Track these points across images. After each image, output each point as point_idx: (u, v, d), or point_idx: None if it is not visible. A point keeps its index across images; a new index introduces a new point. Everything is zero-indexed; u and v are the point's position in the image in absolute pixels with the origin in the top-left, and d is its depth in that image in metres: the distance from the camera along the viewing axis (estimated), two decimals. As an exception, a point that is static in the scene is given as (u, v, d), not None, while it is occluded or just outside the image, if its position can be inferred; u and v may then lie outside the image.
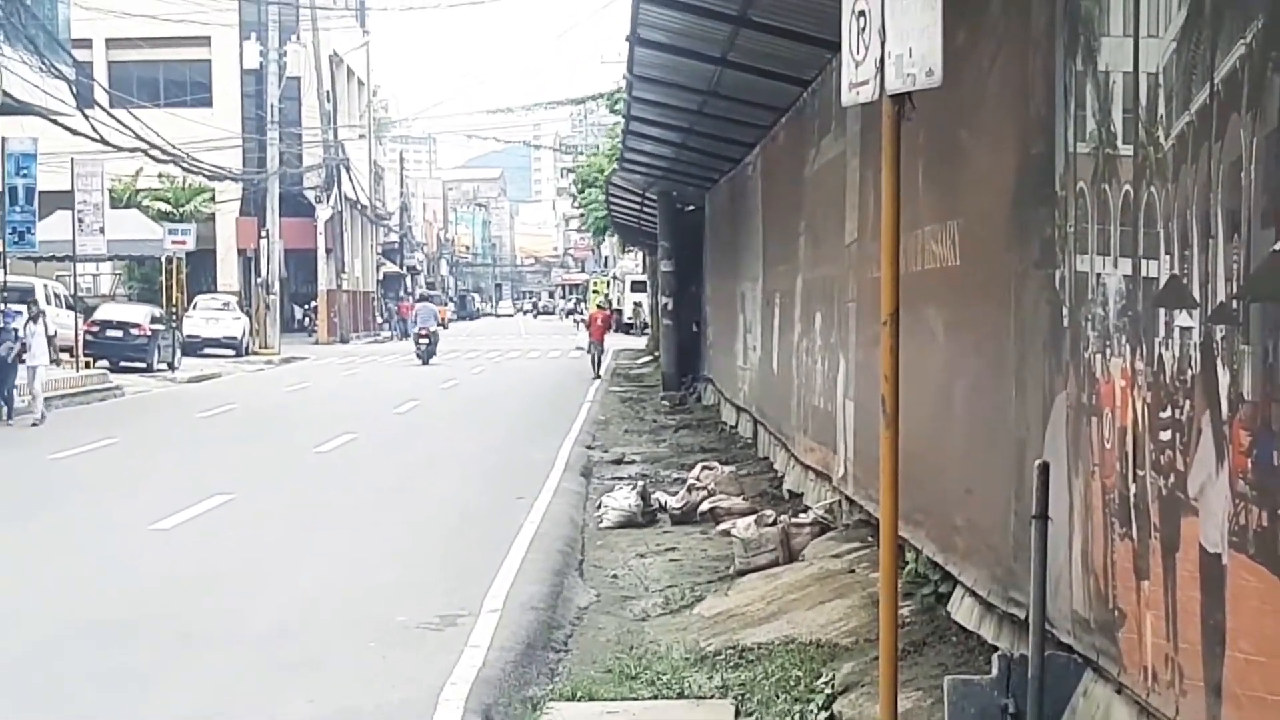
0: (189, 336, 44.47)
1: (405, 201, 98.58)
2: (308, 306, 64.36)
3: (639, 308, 64.92)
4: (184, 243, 43.79)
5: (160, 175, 50.58)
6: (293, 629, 9.82)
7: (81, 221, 34.84)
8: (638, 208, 35.51)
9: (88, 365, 33.90)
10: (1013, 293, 6.86)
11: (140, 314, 39.38)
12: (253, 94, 58.46)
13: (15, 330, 24.90)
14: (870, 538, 10.49)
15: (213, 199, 55.98)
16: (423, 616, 9.98)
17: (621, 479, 17.29)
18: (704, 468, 15.97)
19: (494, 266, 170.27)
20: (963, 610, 7.82)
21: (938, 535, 8.38)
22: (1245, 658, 4.34)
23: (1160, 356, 5.02)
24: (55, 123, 30.55)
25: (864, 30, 5.79)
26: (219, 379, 38.21)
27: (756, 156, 19.16)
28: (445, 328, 52.62)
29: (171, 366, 38.77)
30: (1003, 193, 7.09)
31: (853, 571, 10.17)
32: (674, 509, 14.59)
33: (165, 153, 37.71)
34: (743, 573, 11.31)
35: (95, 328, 37.36)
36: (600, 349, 39.45)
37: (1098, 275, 5.68)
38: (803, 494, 14.10)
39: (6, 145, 30.77)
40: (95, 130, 30.85)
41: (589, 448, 21.23)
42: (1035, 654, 5.70)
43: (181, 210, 52.69)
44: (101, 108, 33.42)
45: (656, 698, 8.11)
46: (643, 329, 60.17)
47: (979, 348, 7.59)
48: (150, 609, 10.38)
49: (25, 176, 31.05)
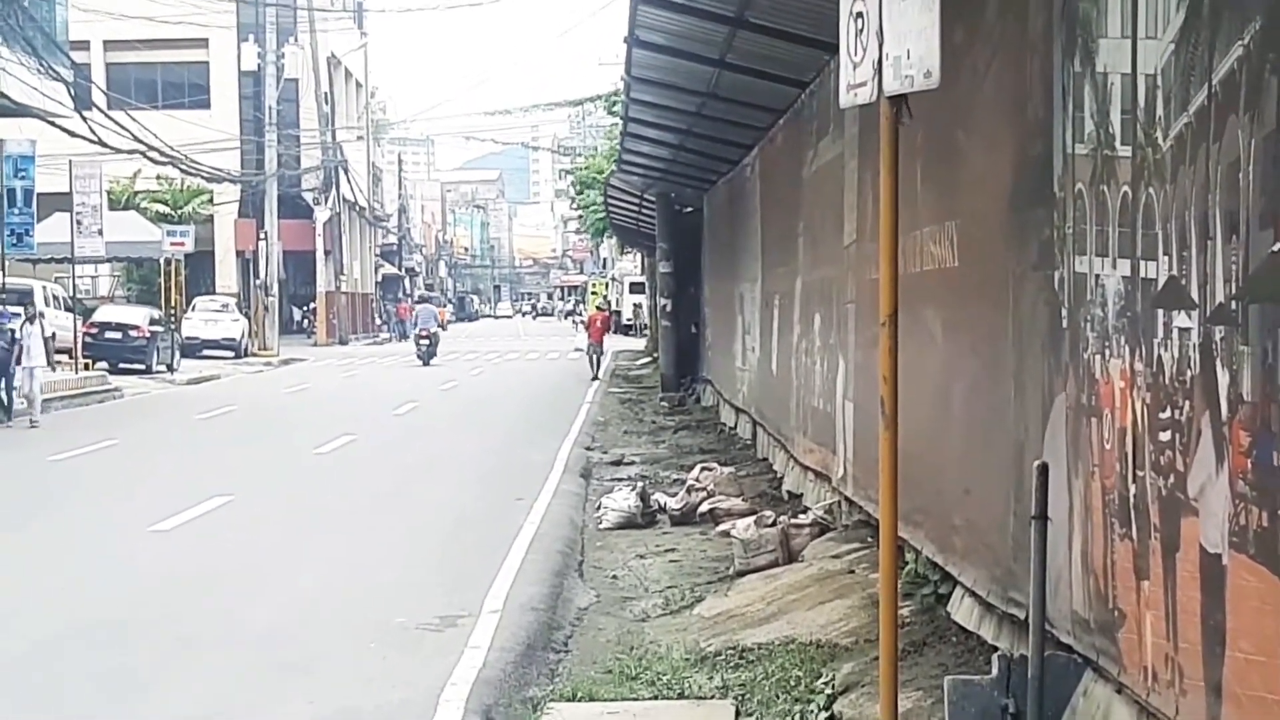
0: (188, 338, 44.48)
1: (404, 203, 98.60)
2: (306, 308, 64.36)
3: (639, 309, 64.91)
4: (182, 244, 43.80)
5: (158, 177, 50.64)
6: (292, 630, 9.83)
7: (80, 223, 34.85)
8: (636, 209, 35.50)
9: (87, 367, 33.91)
10: (1011, 294, 6.86)
11: (139, 316, 39.38)
12: (251, 96, 58.50)
13: (12, 332, 24.86)
14: (870, 538, 10.50)
15: (211, 201, 55.98)
16: (422, 618, 9.99)
17: (621, 480, 17.29)
18: (703, 469, 15.97)
19: (492, 268, 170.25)
20: (962, 610, 7.83)
21: (937, 536, 8.39)
22: (1245, 657, 4.34)
23: (1159, 357, 5.03)
24: (53, 125, 30.56)
25: (862, 32, 5.79)
26: (218, 380, 38.21)
27: (755, 158, 19.16)
28: (444, 329, 52.60)
29: (170, 368, 38.76)
30: (1001, 194, 7.09)
31: (852, 572, 10.17)
32: (673, 510, 14.60)
33: (163, 154, 37.73)
34: (742, 573, 11.31)
35: (94, 329, 37.37)
36: (599, 350, 39.40)
37: (1096, 276, 5.69)
38: (802, 495, 14.11)
39: (4, 147, 30.82)
40: (93, 132, 30.85)
41: (588, 449, 21.22)
42: (1035, 654, 5.71)
43: (180, 212, 52.70)
44: (99, 109, 33.44)
45: (657, 698, 8.11)
46: (642, 330, 60.16)
47: (977, 349, 7.60)
48: (149, 610, 10.39)
49: (23, 178, 31.08)
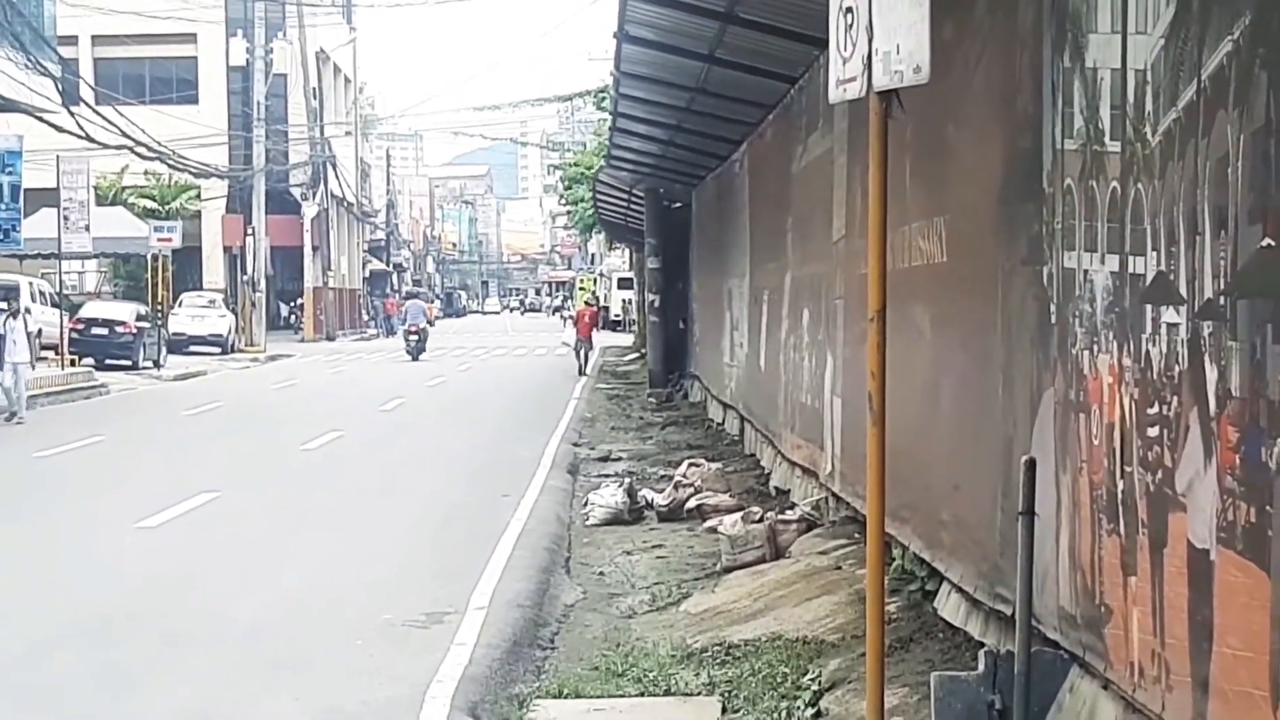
0: (175, 334, 44.38)
1: (392, 199, 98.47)
2: (294, 304, 64.29)
3: (628, 305, 64.89)
4: (170, 240, 43.72)
5: (146, 172, 50.54)
6: (279, 626, 9.80)
7: (67, 219, 34.77)
8: (625, 205, 35.49)
9: (73, 363, 33.80)
10: (1000, 289, 6.86)
11: (126, 312, 39.30)
12: (239, 91, 58.39)
13: None
14: (857, 534, 10.49)
15: (198, 196, 55.87)
16: (409, 614, 9.97)
17: (608, 476, 17.28)
18: (691, 465, 15.97)
19: (480, 264, 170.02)
20: (949, 606, 7.83)
21: (924, 532, 8.38)
22: (1233, 653, 4.34)
23: (1148, 353, 5.02)
24: (41, 120, 30.44)
25: (851, 27, 5.78)
26: (205, 377, 38.15)
27: (744, 153, 19.15)
28: (432, 325, 52.57)
29: (157, 364, 38.67)
30: (990, 189, 7.09)
31: (839, 568, 10.17)
32: (661, 506, 14.58)
33: (151, 150, 37.63)
34: (729, 570, 11.31)
35: (80, 325, 37.25)
36: (588, 346, 39.40)
37: (1085, 272, 5.68)
38: (789, 491, 14.10)
39: (-9, 142, 30.75)
40: (81, 127, 30.73)
41: (575, 445, 21.21)
42: (1022, 650, 5.71)
43: (167, 208, 52.59)
44: (87, 105, 33.29)
45: (643, 695, 8.11)
46: (630, 326, 60.15)
47: (966, 344, 7.59)
48: (136, 607, 10.36)
49: (10, 174, 30.98)
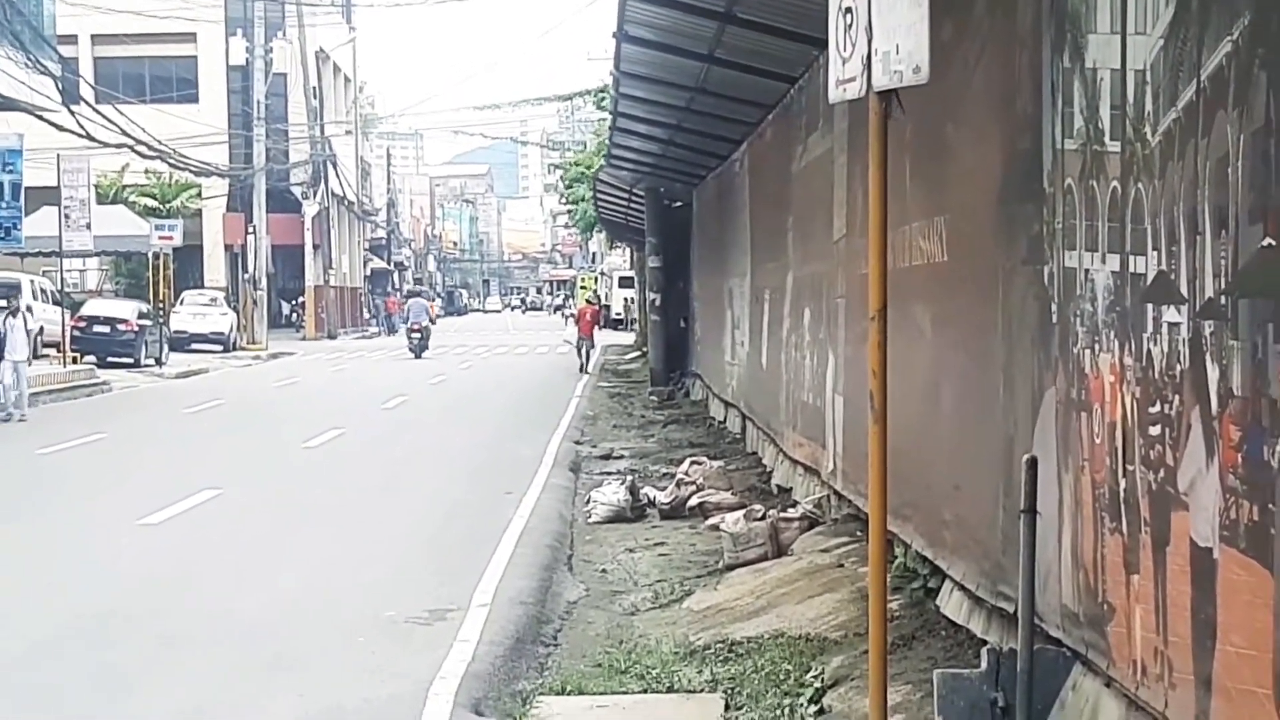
0: (176, 332, 44.38)
1: (392, 197, 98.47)
2: (295, 302, 64.29)
3: (630, 303, 64.89)
4: (171, 238, 43.71)
5: (146, 171, 50.49)
6: (281, 624, 9.82)
7: (68, 217, 34.77)
8: (625, 204, 35.49)
9: (75, 361, 33.82)
10: (1000, 289, 6.87)
11: (127, 309, 39.31)
12: (239, 90, 58.38)
13: None
14: (859, 532, 10.50)
15: (199, 195, 55.83)
16: (411, 611, 9.98)
17: (610, 474, 17.30)
18: (692, 463, 15.97)
19: (481, 262, 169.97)
20: (952, 604, 7.84)
21: (926, 530, 8.40)
22: (1236, 651, 4.35)
23: (1149, 352, 5.04)
24: (41, 119, 30.46)
25: (851, 27, 5.79)
26: (206, 374, 38.18)
27: (744, 153, 19.15)
28: (433, 323, 52.62)
29: (159, 362, 38.68)
30: (990, 189, 7.10)
31: (841, 566, 10.18)
32: (663, 504, 14.60)
33: (151, 148, 37.62)
34: (731, 567, 11.32)
35: (82, 323, 37.27)
36: (590, 344, 39.47)
37: (1086, 271, 5.70)
38: (791, 489, 14.12)
39: (-7, 141, 30.76)
40: (81, 126, 30.74)
41: (577, 443, 21.22)
42: (1024, 648, 5.73)
43: (168, 206, 52.56)
44: (87, 103, 33.31)
45: (646, 691, 8.12)
46: (631, 325, 60.17)
47: (967, 344, 7.60)
48: (137, 604, 10.37)
49: (11, 172, 30.98)
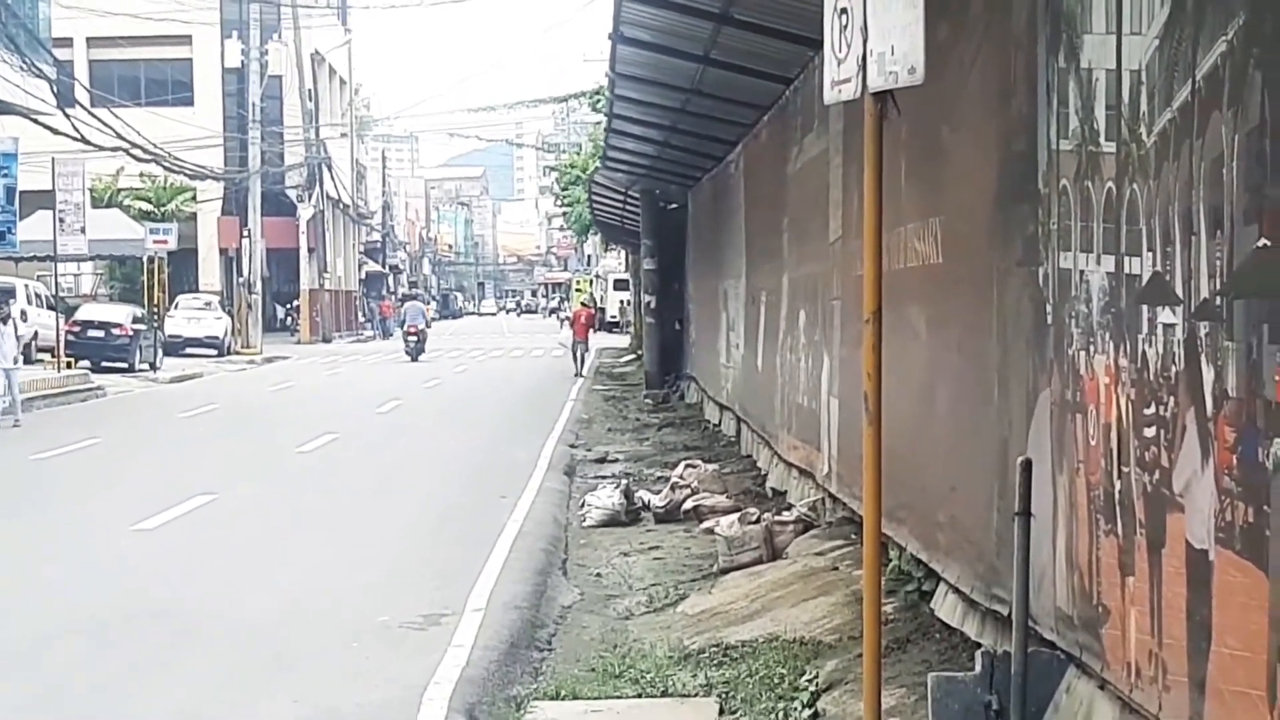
0: (171, 336, 44.37)
1: (387, 200, 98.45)
2: (290, 306, 64.27)
3: (625, 306, 64.91)
4: (165, 242, 43.69)
5: (142, 175, 50.51)
6: (275, 628, 9.79)
7: (63, 221, 34.74)
8: (620, 206, 35.47)
9: (69, 365, 33.78)
10: (995, 290, 6.86)
11: (122, 314, 39.28)
12: (234, 93, 58.39)
13: None
14: (854, 535, 10.49)
15: (194, 198, 55.88)
16: (406, 616, 9.96)
17: (605, 478, 17.28)
18: (687, 466, 15.97)
19: (477, 265, 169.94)
20: (946, 607, 7.83)
21: (921, 532, 8.38)
22: (1231, 653, 4.34)
23: (1144, 353, 5.03)
24: (36, 122, 30.47)
25: (846, 28, 5.78)
26: (201, 379, 38.13)
27: (739, 154, 19.15)
28: (429, 326, 52.67)
29: (153, 366, 38.65)
30: (985, 190, 7.09)
31: (836, 569, 10.17)
32: (657, 507, 14.58)
33: (147, 152, 37.62)
34: (726, 571, 11.31)
35: (76, 328, 37.25)
36: (585, 347, 39.50)
37: (1081, 272, 5.68)
38: (786, 492, 14.11)
39: (-13, 145, 30.75)
40: (76, 129, 30.76)
41: (572, 446, 21.20)
42: (1018, 650, 5.71)
43: (163, 210, 52.61)
44: (83, 107, 33.34)
45: (640, 696, 8.11)
46: (626, 327, 60.18)
47: (962, 345, 7.59)
48: (133, 609, 10.34)
49: (6, 176, 30.98)
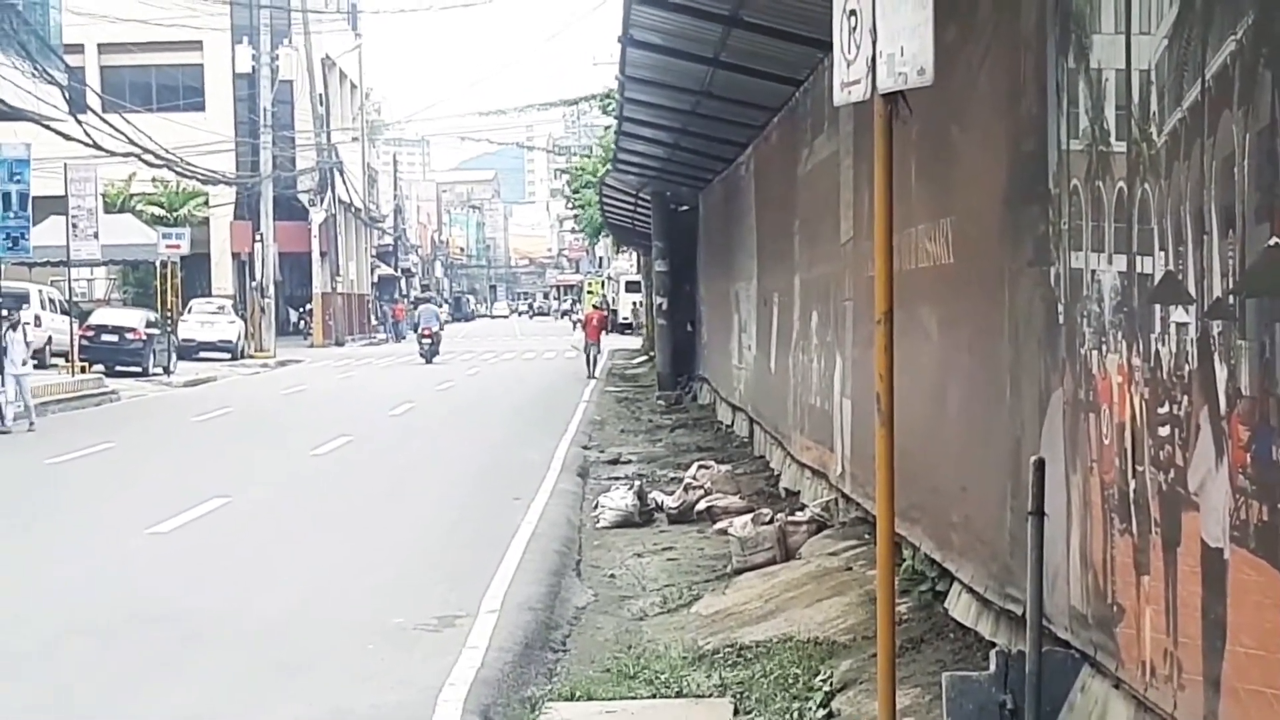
0: (184, 340, 44.46)
1: (399, 204, 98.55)
2: (303, 309, 64.36)
3: (637, 308, 64.93)
4: (178, 247, 43.81)
5: (154, 179, 50.65)
6: (290, 630, 9.82)
7: (75, 227, 34.85)
8: (631, 208, 35.49)
9: (83, 370, 33.88)
10: (1007, 290, 6.86)
11: (135, 318, 39.37)
12: (245, 98, 58.51)
13: None
14: (867, 535, 10.49)
15: (206, 203, 55.97)
16: (420, 618, 9.99)
17: (618, 479, 17.28)
18: (700, 467, 15.96)
19: (488, 268, 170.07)
20: (960, 607, 7.83)
21: (934, 532, 8.39)
22: (1246, 652, 4.34)
23: (1157, 352, 5.03)
24: (48, 128, 30.51)
25: (855, 30, 5.79)
26: (214, 382, 38.20)
27: (749, 156, 19.15)
28: (442, 329, 52.78)
29: (167, 370, 38.74)
30: (996, 190, 7.09)
31: (850, 569, 10.17)
32: (671, 508, 14.59)
33: (158, 157, 37.70)
34: (740, 571, 11.31)
35: (90, 332, 37.34)
36: (597, 349, 39.55)
37: (1093, 272, 5.69)
38: (799, 492, 14.11)
39: (0, 151, 30.76)
40: (88, 135, 30.78)
41: (585, 448, 21.21)
42: (1033, 650, 5.72)
43: (175, 214, 52.71)
44: (94, 113, 33.36)
45: (655, 696, 8.12)
46: (639, 329, 60.20)
47: (973, 346, 7.59)
48: (147, 610, 10.37)
49: (19, 182, 31.01)
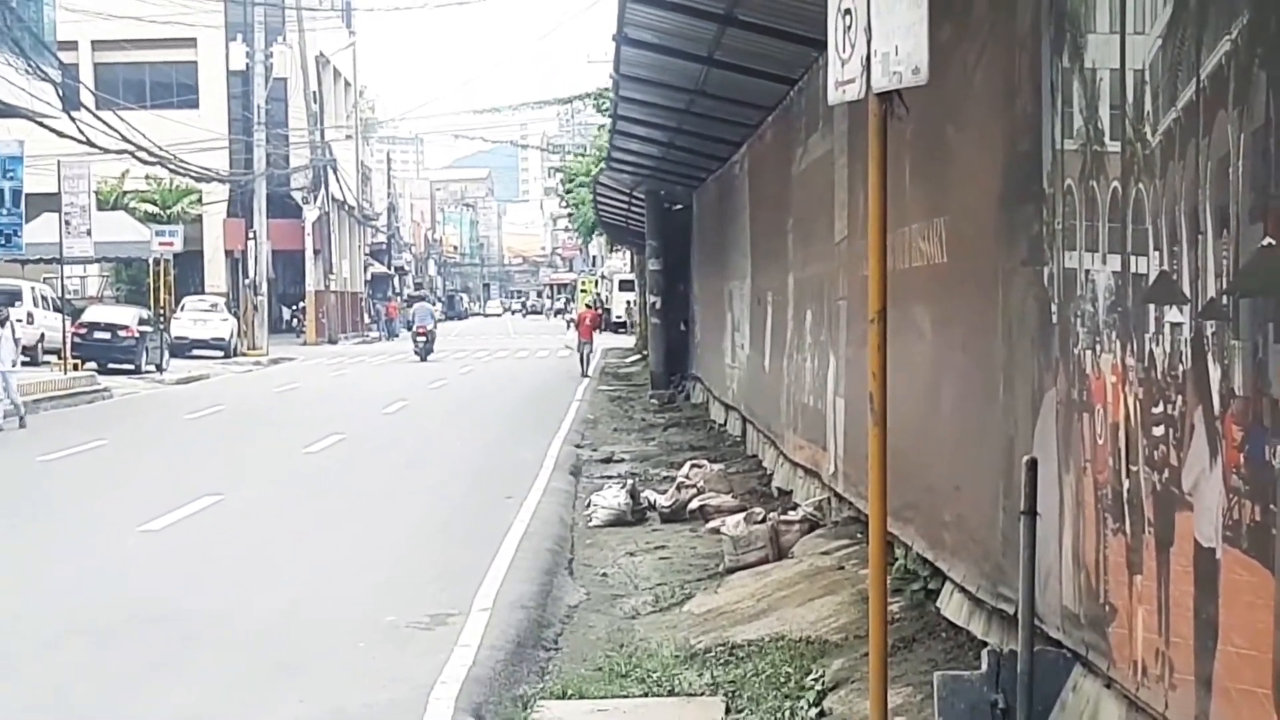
0: (177, 338, 44.41)
1: (393, 202, 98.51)
2: (295, 307, 64.32)
3: (631, 306, 64.94)
4: (171, 244, 43.79)
5: (147, 177, 50.59)
6: (282, 629, 9.81)
7: (68, 224, 34.79)
8: (625, 207, 35.49)
9: (75, 367, 33.85)
10: (1000, 290, 6.86)
11: (128, 316, 39.32)
12: (239, 95, 58.44)
13: None
14: (860, 534, 10.49)
15: (200, 200, 55.90)
16: (413, 616, 9.98)
17: (611, 477, 17.29)
18: (693, 465, 15.97)
19: (482, 266, 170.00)
20: (952, 606, 7.83)
21: (927, 532, 8.39)
22: (1238, 652, 4.34)
23: (1151, 352, 5.03)
24: (41, 125, 30.47)
25: (850, 29, 5.79)
26: (207, 380, 38.15)
27: (744, 155, 19.15)
28: (436, 327, 52.79)
29: (159, 368, 38.70)
30: (990, 190, 7.09)
31: (842, 568, 10.17)
32: (663, 507, 14.59)
33: (152, 154, 37.62)
34: (732, 570, 11.31)
35: (83, 330, 37.30)
36: (590, 348, 39.57)
37: (1087, 272, 5.69)
38: (792, 491, 14.11)
39: (-7, 148, 30.80)
40: (81, 132, 30.73)
41: (578, 446, 21.21)
42: (1024, 649, 5.72)
43: (168, 212, 52.63)
44: (88, 110, 33.28)
45: (647, 695, 8.11)
46: (632, 328, 60.21)
47: (967, 345, 7.60)
48: (140, 609, 10.35)
49: (11, 179, 31.02)
